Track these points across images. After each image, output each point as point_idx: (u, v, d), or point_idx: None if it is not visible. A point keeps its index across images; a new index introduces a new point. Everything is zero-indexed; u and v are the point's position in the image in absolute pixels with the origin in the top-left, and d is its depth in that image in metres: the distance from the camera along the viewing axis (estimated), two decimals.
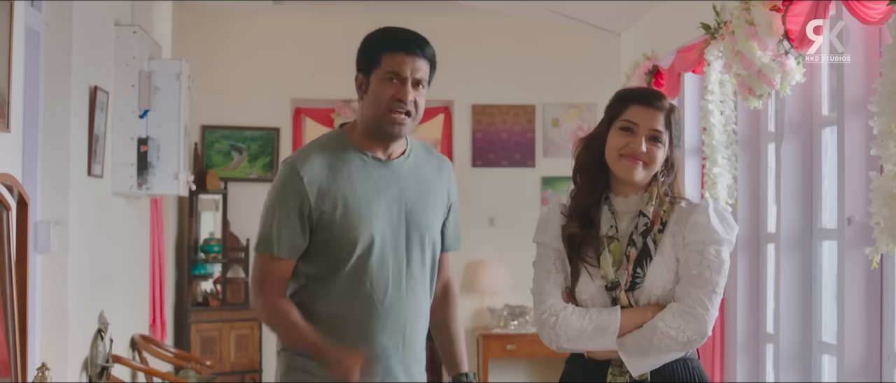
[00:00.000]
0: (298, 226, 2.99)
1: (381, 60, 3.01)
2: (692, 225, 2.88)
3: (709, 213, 2.89)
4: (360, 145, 3.06)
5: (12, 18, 3.75)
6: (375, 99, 3.00)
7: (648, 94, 2.97)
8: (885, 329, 4.11)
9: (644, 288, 2.87)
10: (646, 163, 2.91)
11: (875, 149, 3.46)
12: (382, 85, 3.00)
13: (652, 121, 2.92)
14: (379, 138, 3.05)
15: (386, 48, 3.02)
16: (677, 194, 2.95)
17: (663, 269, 2.87)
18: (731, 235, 2.90)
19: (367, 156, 3.05)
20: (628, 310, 2.87)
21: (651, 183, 2.93)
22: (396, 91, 3.00)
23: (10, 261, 3.50)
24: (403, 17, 8.49)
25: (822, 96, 4.74)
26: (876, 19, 3.66)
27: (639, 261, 2.88)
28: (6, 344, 3.43)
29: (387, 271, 3.03)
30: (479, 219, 8.69)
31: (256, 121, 8.62)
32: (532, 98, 8.77)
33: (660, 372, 2.88)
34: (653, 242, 2.89)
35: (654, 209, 2.91)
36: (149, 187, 6.09)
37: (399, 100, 3.00)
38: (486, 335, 8.44)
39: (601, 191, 2.97)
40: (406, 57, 3.01)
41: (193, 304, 8.11)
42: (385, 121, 3.01)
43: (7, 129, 3.75)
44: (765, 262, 5.28)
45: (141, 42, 5.96)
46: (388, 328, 3.04)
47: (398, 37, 3.05)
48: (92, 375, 5.33)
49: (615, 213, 2.95)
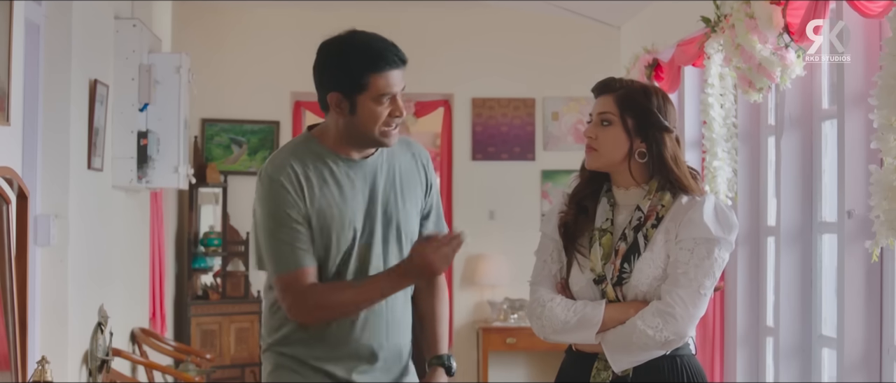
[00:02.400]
0: (305, 232, 2.94)
1: (370, 83, 2.91)
2: (686, 221, 2.81)
3: (704, 210, 2.81)
4: (333, 149, 3.01)
5: (12, 12, 3.75)
6: (370, 120, 2.94)
7: (601, 81, 2.94)
8: (885, 322, 4.12)
9: (631, 283, 2.83)
10: (594, 148, 2.88)
11: (875, 143, 3.46)
12: (376, 106, 2.93)
13: (600, 106, 2.90)
14: (364, 146, 3.02)
15: (372, 69, 2.91)
16: (687, 187, 2.85)
17: (651, 265, 2.82)
18: (728, 235, 2.81)
19: (340, 158, 3.01)
20: (613, 305, 2.83)
21: (652, 176, 2.88)
22: (392, 109, 2.94)
23: (10, 255, 3.50)
24: (403, 10, 8.50)
25: (822, 89, 4.74)
26: (876, 13, 3.67)
27: (627, 257, 2.83)
28: (6, 337, 3.43)
29: (367, 270, 3.01)
30: (479, 213, 8.68)
31: (256, 114, 8.62)
32: (532, 91, 8.76)
33: (644, 370, 2.82)
34: (644, 238, 2.84)
35: (651, 203, 2.86)
36: (149, 180, 6.09)
37: (397, 117, 2.96)
38: (486, 328, 8.45)
39: (602, 182, 2.94)
40: (394, 72, 2.92)
41: (193, 298, 8.11)
42: (382, 137, 2.97)
43: (7, 123, 3.74)
44: (765, 256, 5.28)
45: (141, 35, 5.96)
46: (372, 326, 3.03)
47: (382, 52, 2.92)
48: (92, 368, 5.33)
49: (615, 206, 2.91)
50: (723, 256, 2.82)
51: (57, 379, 3.64)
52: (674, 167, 2.85)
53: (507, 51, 8.74)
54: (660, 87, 3.02)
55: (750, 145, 5.33)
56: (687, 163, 2.90)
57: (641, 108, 2.85)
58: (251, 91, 8.59)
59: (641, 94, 2.87)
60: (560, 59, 8.70)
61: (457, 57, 8.69)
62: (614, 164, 2.88)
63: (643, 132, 2.85)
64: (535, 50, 8.74)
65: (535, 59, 8.73)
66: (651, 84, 2.93)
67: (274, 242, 2.94)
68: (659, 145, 2.85)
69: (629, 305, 2.83)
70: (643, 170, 2.87)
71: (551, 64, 8.71)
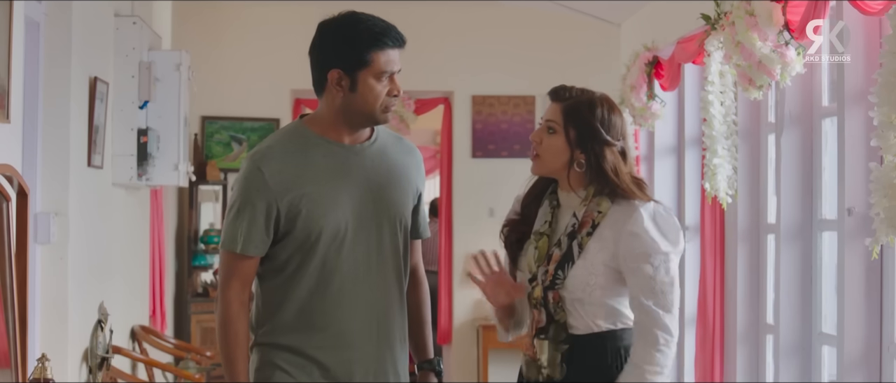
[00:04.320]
0: (263, 223, 2.98)
1: (371, 59, 2.97)
2: (628, 235, 2.88)
3: (645, 224, 2.87)
4: (323, 135, 3.04)
5: (12, 9, 3.75)
6: (370, 97, 2.99)
7: (553, 89, 3.04)
8: (885, 320, 4.12)
9: (565, 288, 2.92)
10: (537, 154, 2.99)
11: (875, 140, 3.45)
12: (376, 83, 2.98)
13: (549, 113, 3.00)
14: (360, 126, 3.05)
15: (374, 46, 2.98)
16: (628, 192, 2.92)
17: (584, 272, 2.90)
18: (674, 246, 2.88)
19: (331, 143, 3.04)
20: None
21: (590, 183, 2.95)
22: (392, 87, 3.00)
23: (10, 252, 3.50)
24: (404, 7, 8.48)
25: (823, 87, 4.73)
26: (876, 10, 3.66)
27: (561, 264, 2.92)
28: (6, 335, 3.43)
29: (356, 257, 3.02)
30: (479, 210, 8.69)
31: (256, 111, 8.62)
32: (532, 89, 8.76)
33: (573, 357, 2.92)
34: (578, 246, 2.91)
35: (587, 209, 2.93)
36: (149, 178, 6.08)
37: (396, 95, 3.01)
38: (486, 326, 8.45)
39: (549, 183, 3.05)
40: (394, 51, 2.99)
41: (193, 295, 8.12)
42: (381, 115, 3.02)
43: (7, 120, 3.74)
44: (765, 253, 5.28)
45: (141, 33, 5.96)
46: (361, 314, 3.04)
47: (384, 31, 3.00)
48: (92, 366, 5.33)
49: (558, 208, 3.01)
50: (675, 265, 2.90)
51: (57, 376, 3.64)
52: (613, 177, 2.92)
53: (508, 48, 8.74)
54: (609, 97, 3.05)
55: (750, 143, 5.33)
56: (632, 173, 2.97)
57: (584, 121, 2.95)
58: (251, 88, 8.59)
59: (587, 106, 2.96)
60: (560, 57, 8.70)
61: (457, 54, 8.69)
62: (555, 171, 2.99)
63: (583, 144, 2.95)
64: (535, 47, 8.74)
65: (536, 57, 8.73)
66: (600, 96, 2.97)
67: (232, 219, 3.01)
68: (598, 158, 2.94)
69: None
70: (581, 178, 2.97)
71: (551, 61, 8.70)
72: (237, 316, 3.02)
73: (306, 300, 3.03)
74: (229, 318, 3.02)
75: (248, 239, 2.99)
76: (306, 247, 3.00)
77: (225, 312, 3.02)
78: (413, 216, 3.18)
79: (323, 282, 3.02)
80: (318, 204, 2.98)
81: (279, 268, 3.05)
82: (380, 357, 3.08)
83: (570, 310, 2.92)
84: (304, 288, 3.03)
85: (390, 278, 3.08)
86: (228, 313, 3.02)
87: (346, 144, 3.05)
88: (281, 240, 3.02)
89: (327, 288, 3.02)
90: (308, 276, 3.02)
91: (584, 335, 2.93)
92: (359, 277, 3.04)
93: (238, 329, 3.01)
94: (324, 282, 3.02)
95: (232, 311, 3.01)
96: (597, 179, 2.93)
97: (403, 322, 3.15)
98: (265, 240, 3.00)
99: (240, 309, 3.02)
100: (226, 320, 3.02)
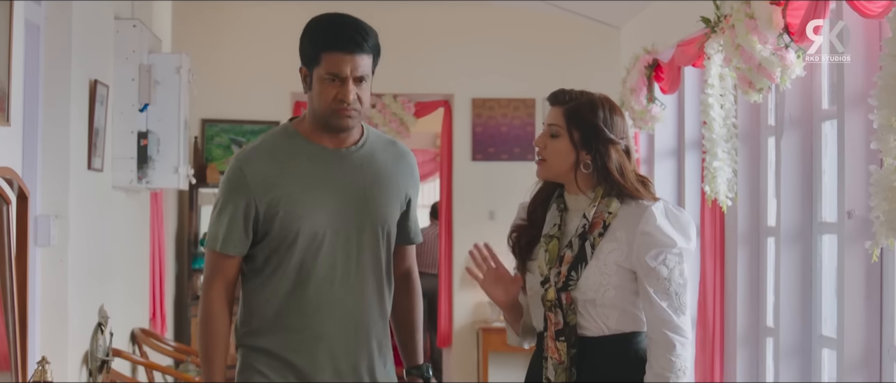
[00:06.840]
0: (242, 222, 2.99)
1: (321, 59, 2.94)
2: (642, 235, 2.86)
3: (658, 222, 2.86)
4: (309, 137, 3.04)
5: (12, 12, 3.75)
6: (318, 96, 2.98)
7: (553, 93, 3.03)
8: (885, 323, 4.12)
9: (578, 289, 2.90)
10: (542, 159, 2.98)
11: (875, 143, 3.45)
12: (324, 85, 2.95)
13: (550, 118, 2.99)
14: (328, 130, 3.03)
15: (325, 47, 2.94)
16: (634, 192, 2.91)
17: (598, 273, 2.89)
18: (688, 243, 2.87)
19: (316, 147, 3.04)
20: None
21: (598, 184, 2.94)
22: (338, 91, 2.95)
23: (10, 255, 3.50)
24: (404, 10, 8.49)
25: (822, 90, 4.74)
26: (876, 13, 3.67)
27: (574, 265, 2.91)
28: (6, 337, 3.43)
29: (335, 261, 3.02)
30: (479, 213, 8.69)
31: (256, 114, 8.61)
32: (532, 92, 8.75)
33: (584, 354, 2.91)
34: (591, 246, 2.90)
35: (597, 210, 2.92)
36: (149, 181, 6.08)
37: (341, 101, 2.96)
38: (485, 328, 8.45)
39: (555, 188, 3.03)
40: (345, 56, 2.93)
41: (193, 298, 8.11)
42: (331, 118, 2.98)
43: (7, 123, 3.74)
44: (765, 256, 5.28)
45: (141, 36, 5.96)
46: (338, 319, 3.03)
47: (338, 34, 2.94)
48: (92, 369, 5.33)
49: (566, 211, 2.99)
50: (689, 266, 2.89)
51: (57, 379, 3.65)
52: (618, 177, 2.92)
53: (508, 51, 8.74)
54: (609, 97, 3.05)
55: (750, 145, 5.33)
56: (636, 172, 2.97)
57: (587, 122, 2.94)
58: (251, 91, 8.59)
59: (588, 107, 2.96)
60: (560, 59, 8.70)
61: (457, 57, 8.68)
62: (562, 174, 2.97)
63: (588, 144, 2.94)
64: (535, 50, 8.74)
65: (536, 59, 8.73)
66: (600, 96, 2.97)
67: (215, 218, 3.04)
68: (603, 157, 2.93)
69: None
70: (589, 179, 2.95)
71: (552, 64, 8.70)
72: (217, 315, 3.02)
73: (283, 302, 3.03)
74: (209, 316, 3.03)
75: (227, 238, 3.01)
76: (283, 248, 3.01)
77: (205, 310, 3.03)
78: (403, 221, 3.16)
79: (300, 284, 3.02)
80: (296, 206, 2.98)
81: (258, 268, 3.06)
82: (356, 362, 3.07)
83: (580, 312, 2.91)
84: (281, 290, 3.03)
85: (369, 283, 3.07)
86: (209, 311, 3.03)
87: (330, 148, 3.05)
88: (260, 240, 3.03)
89: (304, 291, 3.02)
90: (285, 278, 3.03)
91: (595, 337, 2.91)
92: (336, 281, 3.03)
93: (217, 328, 3.02)
94: (301, 285, 3.02)
95: (212, 310, 3.02)
96: (603, 180, 2.93)
97: (384, 327, 3.13)
98: (244, 240, 3.01)
99: (221, 309, 3.03)
100: (205, 318, 3.03)
